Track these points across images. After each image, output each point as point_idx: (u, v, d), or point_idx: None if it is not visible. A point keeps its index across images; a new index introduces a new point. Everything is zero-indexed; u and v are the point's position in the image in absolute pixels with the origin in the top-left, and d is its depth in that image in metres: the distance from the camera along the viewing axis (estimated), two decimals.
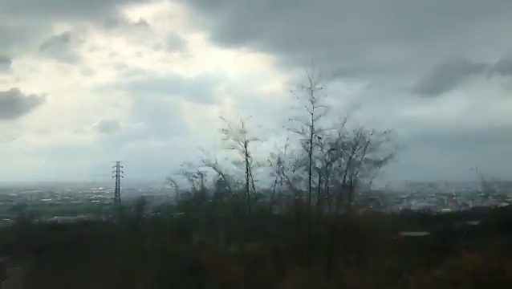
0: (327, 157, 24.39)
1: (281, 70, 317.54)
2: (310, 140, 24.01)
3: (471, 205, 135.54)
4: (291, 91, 24.96)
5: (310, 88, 23.94)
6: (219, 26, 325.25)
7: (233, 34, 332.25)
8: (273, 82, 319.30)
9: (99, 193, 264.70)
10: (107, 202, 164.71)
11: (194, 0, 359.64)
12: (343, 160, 24.41)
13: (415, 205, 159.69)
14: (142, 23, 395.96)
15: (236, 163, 25.60)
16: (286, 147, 24.51)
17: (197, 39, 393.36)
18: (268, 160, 25.02)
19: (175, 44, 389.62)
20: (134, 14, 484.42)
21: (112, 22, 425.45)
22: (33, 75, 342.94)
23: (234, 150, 25.23)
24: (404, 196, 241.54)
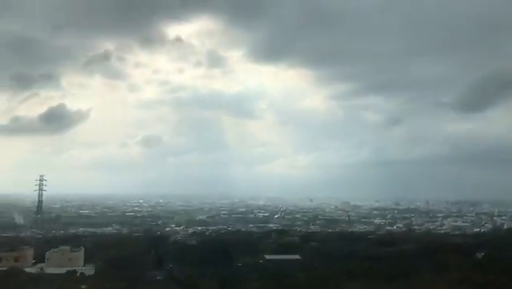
0: None
1: (321, 85, 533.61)
2: None
3: (506, 226, 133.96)
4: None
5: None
6: (257, 43, 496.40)
7: (270, 51, 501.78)
8: (313, 96, 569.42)
9: (136, 206, 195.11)
10: (139, 215, 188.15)
11: (231, 17, 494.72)
12: None
13: (448, 224, 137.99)
14: (182, 41, 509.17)
15: None
16: None
17: (235, 56, 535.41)
18: None
19: (215, 61, 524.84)
20: (174, 31, 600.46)
21: (154, 40, 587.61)
22: (79, 91, 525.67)
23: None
24: (441, 214, 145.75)
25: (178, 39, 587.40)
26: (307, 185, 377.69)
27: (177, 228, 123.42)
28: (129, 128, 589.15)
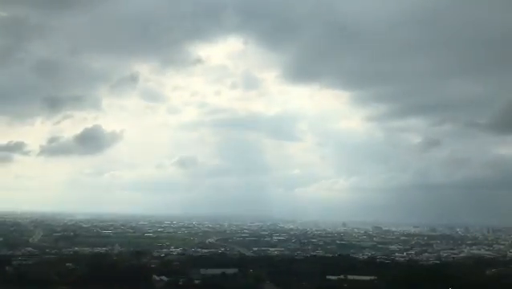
0: None
1: (356, 106, 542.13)
2: None
3: None
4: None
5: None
6: (287, 64, 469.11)
7: (302, 72, 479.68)
8: (349, 118, 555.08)
9: (159, 227, 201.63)
10: (154, 236, 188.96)
11: (259, 38, 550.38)
12: None
13: (467, 252, 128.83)
14: (215, 63, 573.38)
15: None
16: None
17: (269, 77, 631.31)
18: None
19: (250, 82, 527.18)
20: (204, 53, 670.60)
21: (186, 62, 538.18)
22: (116, 113, 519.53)
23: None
24: (470, 242, 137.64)
25: (211, 61, 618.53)
26: (345, 208, 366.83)
27: (165, 250, 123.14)
28: (169, 149, 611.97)
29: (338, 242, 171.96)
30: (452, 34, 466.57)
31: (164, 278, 67.92)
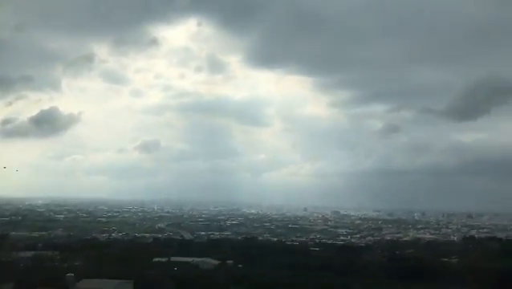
0: None
1: (320, 92, 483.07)
2: None
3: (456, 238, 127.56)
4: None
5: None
6: (252, 49, 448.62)
7: (267, 56, 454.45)
8: (315, 104, 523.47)
9: (127, 211, 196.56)
10: (105, 221, 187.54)
11: (221, 21, 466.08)
12: None
13: (412, 235, 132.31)
14: (179, 45, 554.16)
15: None
16: None
17: (233, 61, 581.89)
18: None
19: (215, 66, 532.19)
20: (167, 35, 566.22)
21: (148, 43, 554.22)
22: (74, 94, 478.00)
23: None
24: (420, 226, 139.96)
25: (171, 43, 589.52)
26: (309, 193, 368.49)
27: (105, 235, 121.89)
28: (133, 133, 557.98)
29: (290, 226, 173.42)
30: (413, 22, 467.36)
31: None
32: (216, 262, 66.78)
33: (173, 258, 67.42)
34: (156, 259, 66.67)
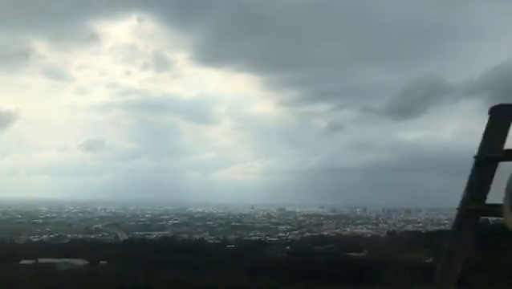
0: None
1: (269, 90, 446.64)
2: None
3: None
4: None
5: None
6: (198, 46, 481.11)
7: (213, 54, 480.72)
8: (263, 102, 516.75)
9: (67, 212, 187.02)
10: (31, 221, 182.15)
11: (165, 17, 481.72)
12: None
13: (349, 230, 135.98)
14: (123, 41, 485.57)
15: None
16: None
17: (180, 59, 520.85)
18: None
19: (162, 63, 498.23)
20: (110, 30, 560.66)
21: (89, 39, 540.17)
22: (10, 90, 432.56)
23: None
24: (359, 221, 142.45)
25: (114, 39, 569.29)
26: (257, 191, 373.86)
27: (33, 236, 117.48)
28: (77, 131, 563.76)
29: (233, 224, 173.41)
30: (357, 22, 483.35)
31: None
32: (83, 262, 65.33)
33: (41, 260, 65.14)
34: (24, 261, 64.47)
